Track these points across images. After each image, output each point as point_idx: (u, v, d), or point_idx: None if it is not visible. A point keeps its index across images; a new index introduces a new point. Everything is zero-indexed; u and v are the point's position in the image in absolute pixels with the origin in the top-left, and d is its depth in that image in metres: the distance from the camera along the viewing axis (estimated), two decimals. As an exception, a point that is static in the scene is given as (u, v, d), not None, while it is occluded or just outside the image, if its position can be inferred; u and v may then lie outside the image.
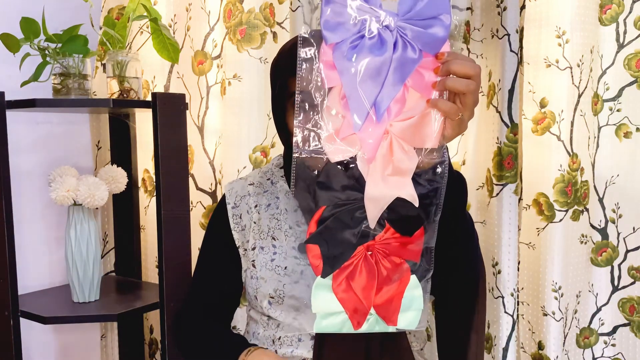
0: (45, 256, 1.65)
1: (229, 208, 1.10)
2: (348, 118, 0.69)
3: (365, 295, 0.79)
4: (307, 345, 1.00)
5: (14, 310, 1.33)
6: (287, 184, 1.07)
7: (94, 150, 1.76)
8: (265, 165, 1.16)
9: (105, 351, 1.82)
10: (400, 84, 0.69)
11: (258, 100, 1.50)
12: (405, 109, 0.71)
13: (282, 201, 1.07)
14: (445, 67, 0.74)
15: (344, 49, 0.66)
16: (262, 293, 1.02)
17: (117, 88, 1.41)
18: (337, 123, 0.71)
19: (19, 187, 1.55)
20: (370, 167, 0.72)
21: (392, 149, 0.72)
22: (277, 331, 1.03)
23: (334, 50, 0.66)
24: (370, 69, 0.66)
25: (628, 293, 1.35)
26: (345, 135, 0.70)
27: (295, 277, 0.99)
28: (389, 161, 0.72)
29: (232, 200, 1.10)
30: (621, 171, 1.35)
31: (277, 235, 1.04)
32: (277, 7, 1.51)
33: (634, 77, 1.31)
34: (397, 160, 0.72)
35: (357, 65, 0.66)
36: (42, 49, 1.32)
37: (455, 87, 0.74)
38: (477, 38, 1.41)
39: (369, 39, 0.66)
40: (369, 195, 0.74)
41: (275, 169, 1.12)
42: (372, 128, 0.69)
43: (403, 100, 0.70)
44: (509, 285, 1.36)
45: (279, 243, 1.03)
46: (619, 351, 1.36)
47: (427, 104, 0.74)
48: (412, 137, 0.72)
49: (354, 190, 0.76)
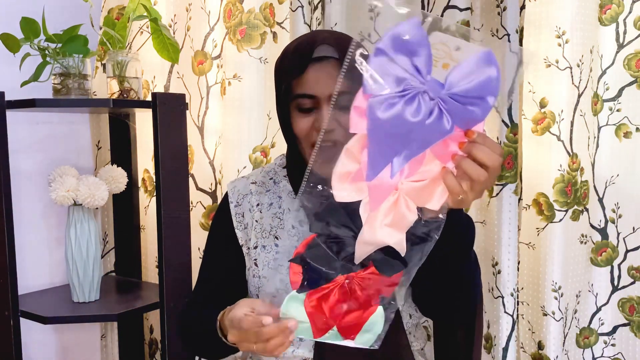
0: (45, 256, 1.65)
1: (231, 207, 1.10)
2: (363, 167, 0.70)
3: (332, 315, 0.82)
4: (308, 345, 1.01)
5: (14, 310, 1.33)
6: (289, 184, 1.07)
7: (94, 150, 1.76)
8: (268, 165, 1.16)
9: (105, 351, 1.82)
10: (423, 149, 0.69)
11: (258, 100, 1.50)
12: (420, 169, 0.72)
13: (284, 200, 1.07)
14: (469, 147, 0.73)
15: (381, 104, 0.66)
16: (264, 292, 1.03)
17: (117, 88, 1.41)
18: (351, 166, 0.71)
19: (19, 187, 1.55)
20: (370, 214, 0.74)
21: (397, 204, 0.73)
22: None
23: (370, 101, 0.66)
24: (399, 130, 0.66)
25: (628, 293, 1.35)
26: (356, 181, 0.71)
27: None
28: (391, 214, 0.73)
29: (235, 199, 1.10)
30: (621, 171, 1.35)
31: (279, 234, 1.04)
32: (277, 7, 1.51)
33: (634, 77, 1.31)
34: (398, 215, 0.73)
35: (388, 123, 0.66)
36: (42, 49, 1.32)
37: (467, 170, 0.73)
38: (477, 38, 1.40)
39: (407, 101, 0.66)
40: (362, 238, 0.76)
41: (278, 169, 1.12)
42: (383, 183, 0.70)
43: (420, 162, 0.71)
44: (509, 285, 1.36)
45: (282, 242, 1.04)
46: (619, 351, 1.36)
47: (441, 171, 0.75)
48: (419, 197, 0.73)
49: (348, 229, 0.78)
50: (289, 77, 0.97)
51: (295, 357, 1.01)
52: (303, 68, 0.95)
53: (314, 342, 0.99)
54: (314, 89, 0.95)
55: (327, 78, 0.95)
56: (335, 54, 0.95)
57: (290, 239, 1.03)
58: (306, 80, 0.95)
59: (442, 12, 1.41)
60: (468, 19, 1.39)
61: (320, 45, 0.96)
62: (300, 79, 0.96)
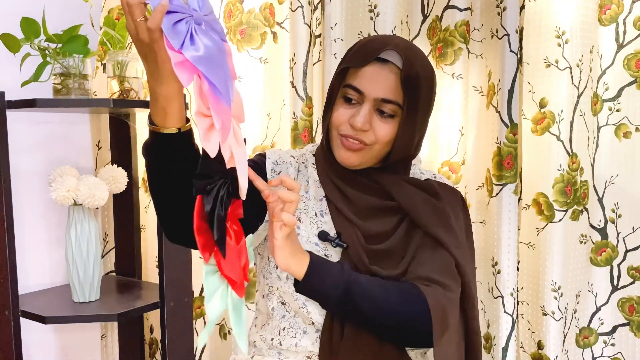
0: (46, 256, 1.65)
1: (268, 162, 1.07)
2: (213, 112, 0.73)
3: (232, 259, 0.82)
4: (312, 337, 1.01)
5: (14, 310, 1.33)
6: (316, 173, 1.08)
7: (94, 150, 1.76)
8: (299, 149, 1.16)
9: (105, 351, 1.82)
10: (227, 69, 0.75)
11: (258, 100, 1.50)
12: None
13: (311, 187, 1.07)
14: None
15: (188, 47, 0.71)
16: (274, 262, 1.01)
17: (118, 88, 1.41)
18: (206, 122, 0.75)
19: (19, 187, 1.55)
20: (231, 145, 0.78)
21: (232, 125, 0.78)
22: (281, 322, 1.03)
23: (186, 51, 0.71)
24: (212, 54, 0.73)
25: (627, 293, 1.35)
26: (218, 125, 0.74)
27: None
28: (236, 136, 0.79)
29: (275, 158, 1.07)
30: (621, 171, 1.35)
31: (302, 218, 1.04)
32: (277, 8, 1.51)
33: (634, 77, 1.31)
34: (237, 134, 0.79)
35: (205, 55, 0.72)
36: (42, 49, 1.32)
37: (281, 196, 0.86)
38: (476, 38, 1.41)
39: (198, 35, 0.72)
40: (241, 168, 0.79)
41: (308, 155, 1.12)
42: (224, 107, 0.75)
43: None
44: (509, 285, 1.36)
45: (304, 226, 1.03)
46: (619, 351, 1.36)
47: None
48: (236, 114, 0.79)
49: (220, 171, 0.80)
50: (350, 64, 0.99)
51: (299, 351, 1.01)
52: (365, 62, 0.98)
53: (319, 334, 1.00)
54: (363, 85, 0.97)
55: (380, 79, 0.97)
56: (399, 62, 0.97)
57: (311, 227, 1.03)
58: (362, 74, 0.98)
59: (442, 12, 1.41)
60: (468, 19, 1.39)
61: (389, 50, 0.97)
62: (357, 71, 0.98)
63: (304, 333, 1.01)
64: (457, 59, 1.40)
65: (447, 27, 1.39)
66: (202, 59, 0.71)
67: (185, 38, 0.70)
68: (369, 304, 0.93)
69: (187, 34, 0.71)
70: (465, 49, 1.39)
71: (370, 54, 0.98)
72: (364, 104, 0.97)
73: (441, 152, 1.46)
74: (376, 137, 0.98)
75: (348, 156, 1.00)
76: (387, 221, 1.02)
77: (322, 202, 1.05)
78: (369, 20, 1.42)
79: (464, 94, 1.40)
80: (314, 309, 1.00)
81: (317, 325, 1.00)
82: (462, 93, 1.40)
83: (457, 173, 1.44)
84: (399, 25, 1.41)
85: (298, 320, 1.02)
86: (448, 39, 1.39)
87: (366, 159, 1.01)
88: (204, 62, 0.71)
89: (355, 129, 0.98)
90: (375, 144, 0.99)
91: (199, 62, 0.70)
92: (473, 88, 1.40)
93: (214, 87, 0.72)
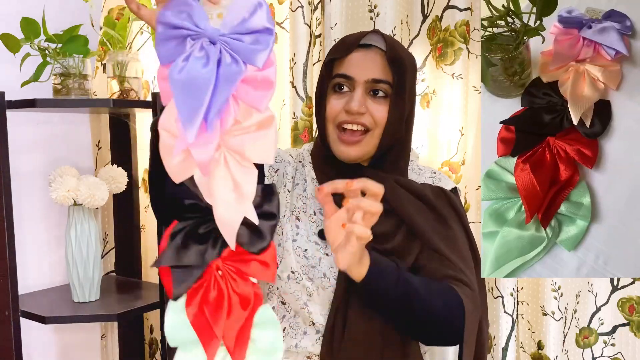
0: (46, 256, 1.65)
1: None
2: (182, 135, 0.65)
3: (214, 319, 0.71)
4: (312, 338, 1.01)
5: (14, 310, 1.33)
6: (313, 171, 1.09)
7: (94, 150, 1.76)
8: (297, 149, 1.17)
9: (105, 351, 1.82)
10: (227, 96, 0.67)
11: (258, 100, 1.50)
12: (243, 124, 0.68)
13: (309, 185, 1.07)
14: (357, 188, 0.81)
15: (175, 66, 0.65)
16: (285, 264, 1.01)
17: (117, 88, 1.42)
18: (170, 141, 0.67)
19: (19, 187, 1.55)
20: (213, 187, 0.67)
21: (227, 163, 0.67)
22: (281, 322, 1.03)
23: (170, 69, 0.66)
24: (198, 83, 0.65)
25: (627, 293, 1.35)
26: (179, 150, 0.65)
27: (314, 262, 1.00)
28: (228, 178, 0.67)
29: None
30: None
31: (301, 217, 1.05)
32: (277, 7, 1.51)
33: None
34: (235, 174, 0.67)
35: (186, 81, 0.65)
36: (42, 49, 1.32)
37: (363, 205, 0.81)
38: (476, 38, 1.41)
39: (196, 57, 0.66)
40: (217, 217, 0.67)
41: (305, 154, 1.13)
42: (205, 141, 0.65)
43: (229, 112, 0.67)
44: (509, 285, 1.36)
45: (303, 225, 1.04)
46: (619, 351, 1.36)
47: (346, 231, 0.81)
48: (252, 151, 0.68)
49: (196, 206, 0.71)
50: (335, 55, 1.01)
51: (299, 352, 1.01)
52: (349, 51, 1.00)
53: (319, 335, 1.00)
54: (351, 71, 0.99)
55: (367, 62, 0.99)
56: (382, 44, 1.00)
57: (310, 225, 1.04)
58: (348, 61, 1.00)
59: (442, 12, 1.41)
60: (468, 19, 1.39)
61: (371, 34, 1.01)
62: (343, 60, 1.01)
63: (304, 334, 1.01)
64: (457, 59, 1.39)
65: (447, 27, 1.39)
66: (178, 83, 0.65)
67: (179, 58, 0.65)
68: (420, 304, 0.93)
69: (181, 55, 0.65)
70: (465, 49, 1.39)
71: (352, 42, 1.01)
72: (356, 89, 0.99)
73: (441, 152, 1.46)
74: (374, 120, 0.99)
75: (348, 150, 1.01)
76: (387, 221, 1.02)
77: None
78: (369, 21, 1.42)
79: (464, 94, 1.40)
80: (315, 310, 0.99)
81: (318, 326, 1.00)
82: (462, 93, 1.40)
83: (457, 173, 1.44)
84: (399, 25, 1.41)
85: (298, 321, 1.02)
86: (448, 39, 1.39)
87: (366, 149, 1.01)
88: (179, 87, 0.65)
89: (352, 114, 0.99)
90: (375, 128, 1.00)
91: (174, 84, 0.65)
92: (473, 88, 1.40)
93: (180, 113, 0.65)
